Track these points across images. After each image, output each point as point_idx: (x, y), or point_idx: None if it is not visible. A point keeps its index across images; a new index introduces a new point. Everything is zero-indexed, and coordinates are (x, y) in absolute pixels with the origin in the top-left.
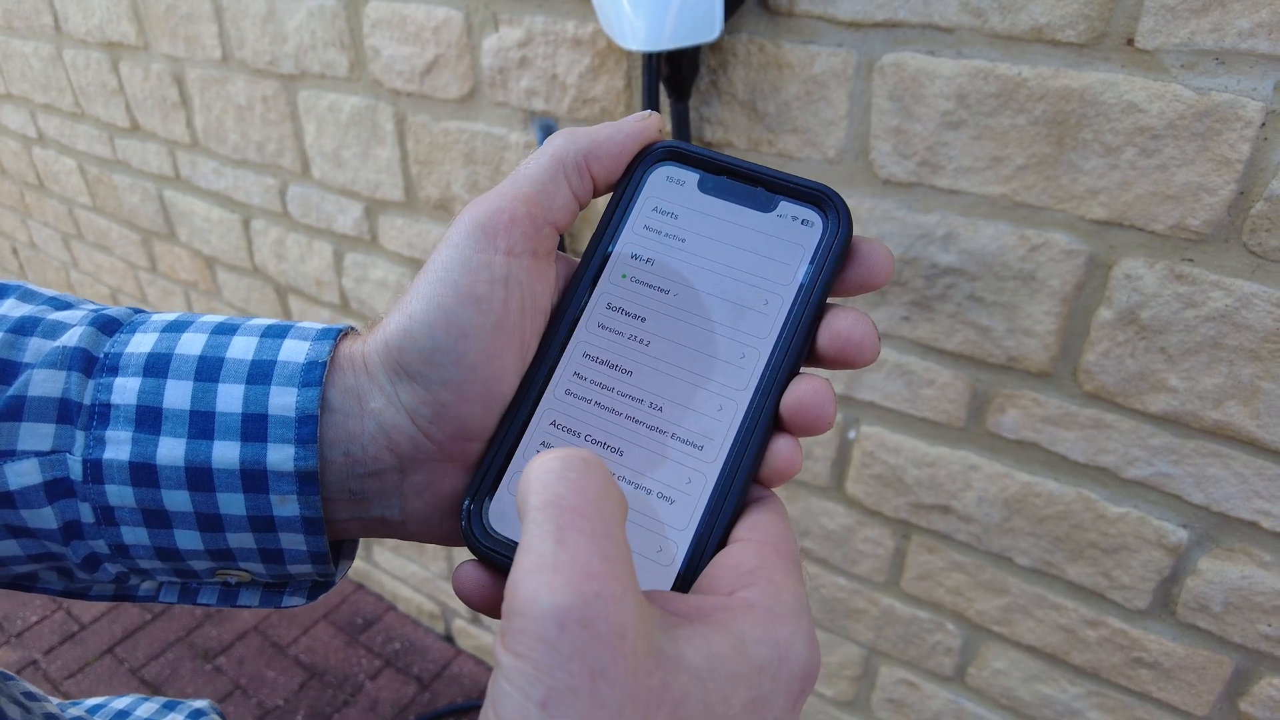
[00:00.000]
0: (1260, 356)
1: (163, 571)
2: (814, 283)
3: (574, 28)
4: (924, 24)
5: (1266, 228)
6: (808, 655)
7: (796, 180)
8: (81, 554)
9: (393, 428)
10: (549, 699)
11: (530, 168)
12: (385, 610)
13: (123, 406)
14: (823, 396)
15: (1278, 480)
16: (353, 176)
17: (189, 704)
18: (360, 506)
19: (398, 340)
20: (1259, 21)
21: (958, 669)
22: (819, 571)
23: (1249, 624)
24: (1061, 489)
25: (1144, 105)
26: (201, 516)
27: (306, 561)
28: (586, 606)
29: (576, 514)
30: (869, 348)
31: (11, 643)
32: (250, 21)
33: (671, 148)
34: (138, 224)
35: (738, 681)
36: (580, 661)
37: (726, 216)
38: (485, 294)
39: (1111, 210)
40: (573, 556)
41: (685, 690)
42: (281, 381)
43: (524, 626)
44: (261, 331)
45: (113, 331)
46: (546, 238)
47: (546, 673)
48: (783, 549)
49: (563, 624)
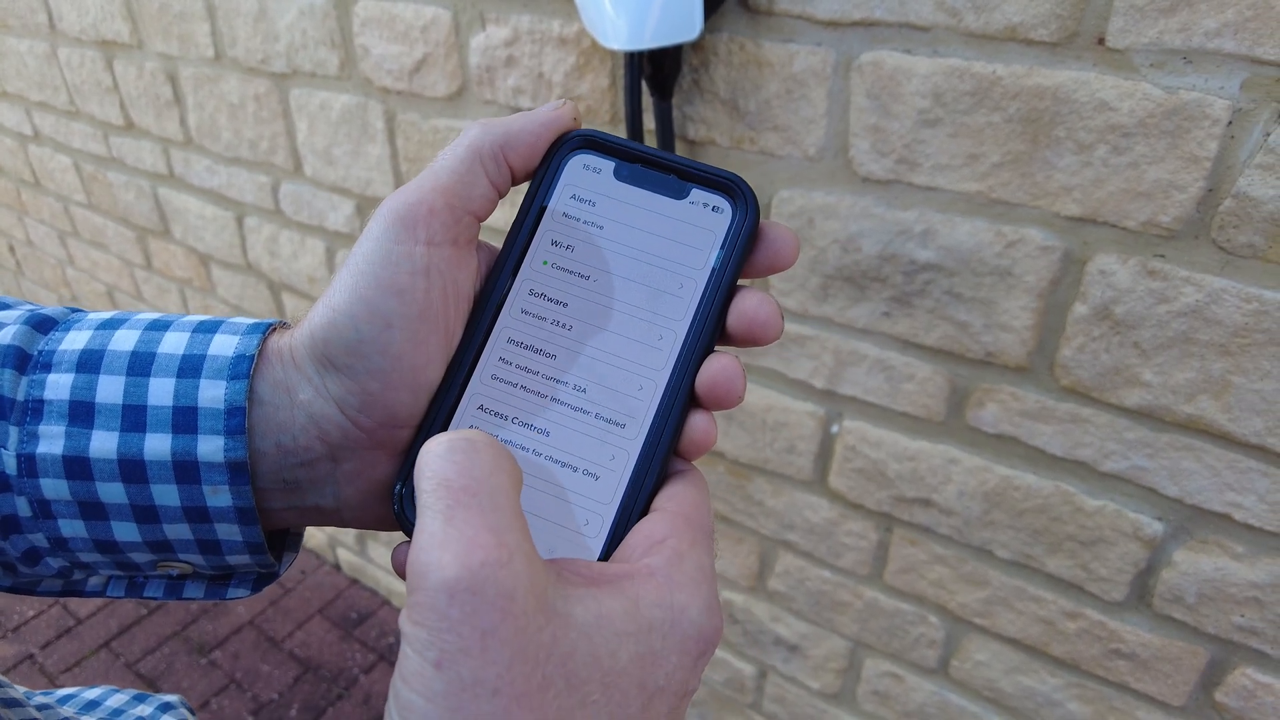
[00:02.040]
0: (1230, 351)
1: (105, 565)
2: (724, 266)
3: (559, 27)
4: (900, 23)
5: (1235, 224)
6: (704, 620)
7: (707, 169)
8: (21, 548)
9: (322, 418)
10: (442, 659)
11: (447, 159)
12: (379, 605)
13: (56, 402)
14: (733, 373)
15: (1249, 473)
16: (344, 174)
17: (159, 697)
18: (295, 495)
19: (323, 333)
20: (1225, 21)
21: (941, 661)
22: (804, 565)
23: (1222, 615)
24: (1040, 482)
25: (1115, 104)
26: (137, 508)
27: (244, 552)
28: (473, 576)
29: (463, 492)
30: (773, 326)
31: (9, 637)
32: (242, 20)
33: (587, 136)
34: (133, 221)
35: (626, 638)
36: (470, 624)
37: (642, 203)
38: (407, 285)
39: (1085, 207)
40: (460, 531)
41: (574, 644)
42: (211, 375)
43: (420, 600)
44: (193, 327)
45: (48, 330)
46: (467, 227)
47: (439, 636)
48: (694, 519)
49: (452, 593)
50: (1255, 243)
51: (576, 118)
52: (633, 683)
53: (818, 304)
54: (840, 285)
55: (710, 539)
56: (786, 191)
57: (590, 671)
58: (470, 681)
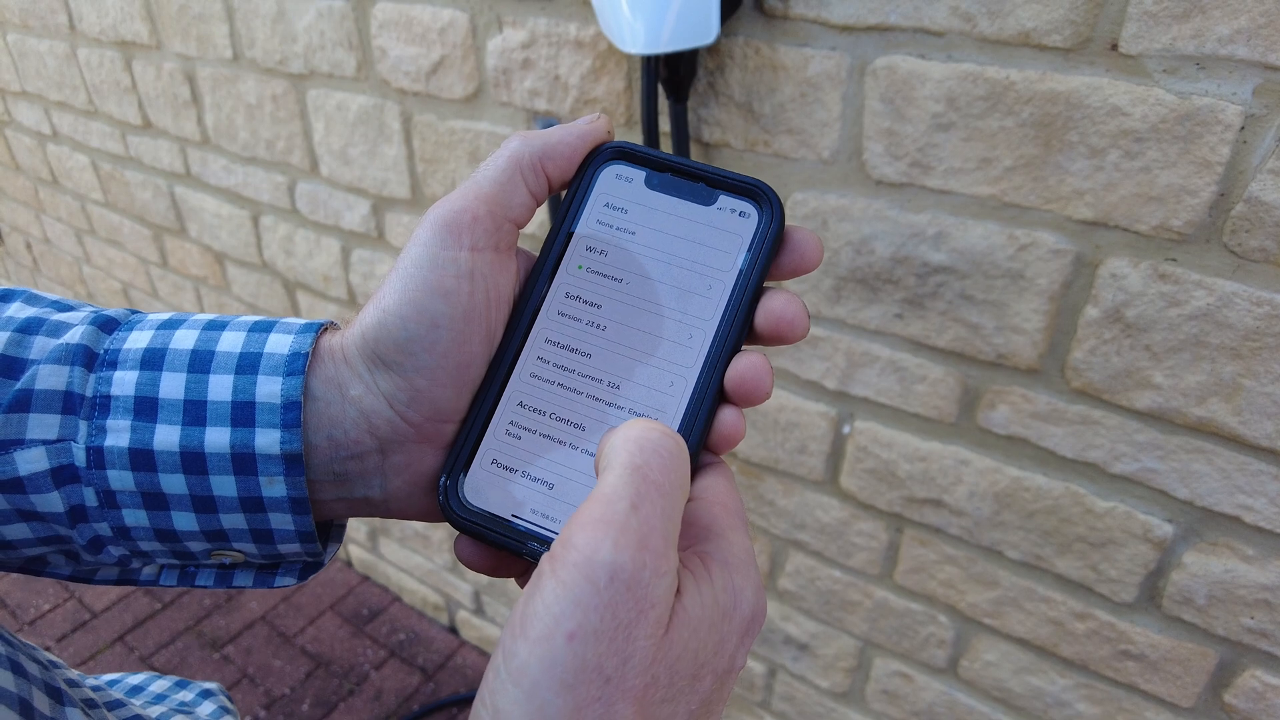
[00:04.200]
0: (1241, 354)
1: (162, 554)
2: (751, 268)
3: (576, 30)
4: (915, 28)
5: (1246, 228)
6: (756, 600)
7: (734, 176)
8: (87, 536)
9: (372, 412)
10: (577, 633)
11: (489, 169)
12: (390, 601)
13: (122, 397)
14: (761, 370)
15: (1259, 476)
16: (360, 174)
17: (199, 684)
18: (344, 487)
19: (374, 332)
20: (1238, 28)
21: (950, 661)
22: (814, 564)
23: (1232, 617)
24: (1050, 484)
25: (1127, 109)
26: (196, 498)
27: (295, 541)
28: (638, 572)
29: (655, 489)
30: (800, 325)
31: (25, 630)
32: (261, 22)
33: (620, 147)
34: (149, 220)
35: (710, 628)
36: (615, 612)
37: (672, 210)
38: (452, 287)
39: (1097, 211)
40: (641, 524)
41: (683, 644)
42: (268, 371)
43: (578, 561)
44: (249, 327)
45: (112, 330)
46: (507, 233)
47: (583, 611)
48: (731, 507)
49: (614, 576)
50: (1267, 247)
51: (610, 130)
52: (709, 670)
53: (830, 305)
54: (853, 287)
55: (747, 526)
56: (801, 194)
57: (685, 667)
58: (592, 665)
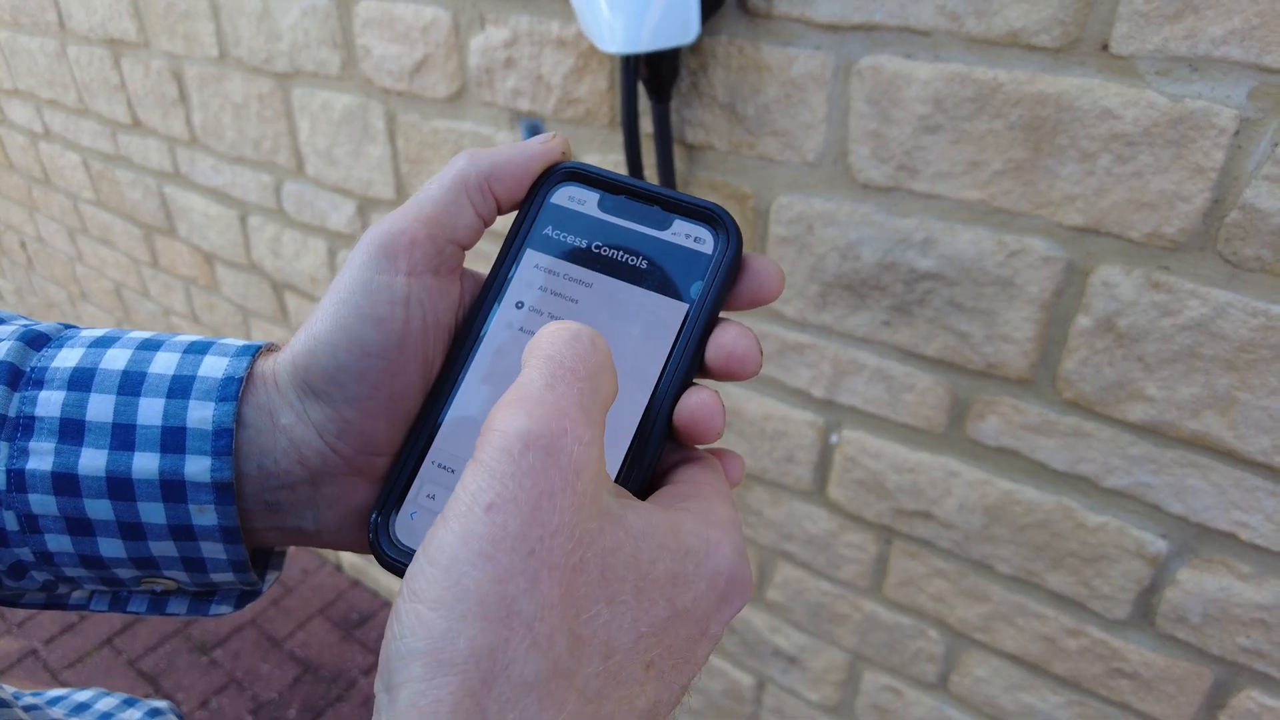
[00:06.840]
0: (1236, 366)
1: (89, 580)
2: (704, 297)
3: (558, 28)
4: (900, 27)
5: (1241, 236)
6: (734, 560)
7: (690, 200)
8: (8, 561)
9: (302, 443)
10: (495, 504)
11: (433, 189)
12: (380, 607)
13: (47, 419)
14: (711, 409)
15: (1255, 492)
16: (345, 174)
17: (148, 702)
18: (277, 517)
19: (304, 360)
20: (1232, 29)
21: (940, 676)
22: (803, 575)
23: (1227, 636)
24: (1041, 497)
25: (1119, 111)
26: (123, 525)
27: (228, 570)
28: (555, 439)
29: (569, 373)
30: (750, 362)
31: (14, 632)
32: (246, 20)
33: (572, 169)
34: (139, 219)
35: (665, 552)
36: (533, 480)
37: (624, 236)
38: (386, 314)
39: (1088, 217)
40: (556, 398)
41: (619, 542)
42: (200, 396)
43: (492, 440)
44: (184, 348)
45: (40, 346)
46: (450, 256)
47: (500, 481)
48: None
49: (528, 444)
50: (1262, 255)
51: (566, 151)
52: (663, 595)
53: (817, 312)
54: (839, 293)
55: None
56: (785, 197)
57: (627, 571)
58: (513, 533)
